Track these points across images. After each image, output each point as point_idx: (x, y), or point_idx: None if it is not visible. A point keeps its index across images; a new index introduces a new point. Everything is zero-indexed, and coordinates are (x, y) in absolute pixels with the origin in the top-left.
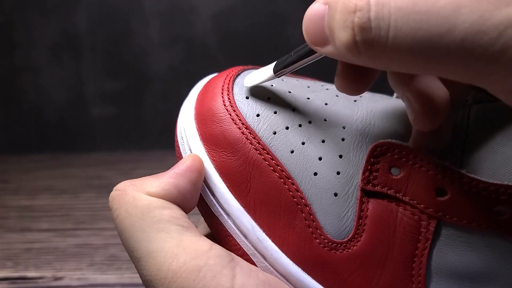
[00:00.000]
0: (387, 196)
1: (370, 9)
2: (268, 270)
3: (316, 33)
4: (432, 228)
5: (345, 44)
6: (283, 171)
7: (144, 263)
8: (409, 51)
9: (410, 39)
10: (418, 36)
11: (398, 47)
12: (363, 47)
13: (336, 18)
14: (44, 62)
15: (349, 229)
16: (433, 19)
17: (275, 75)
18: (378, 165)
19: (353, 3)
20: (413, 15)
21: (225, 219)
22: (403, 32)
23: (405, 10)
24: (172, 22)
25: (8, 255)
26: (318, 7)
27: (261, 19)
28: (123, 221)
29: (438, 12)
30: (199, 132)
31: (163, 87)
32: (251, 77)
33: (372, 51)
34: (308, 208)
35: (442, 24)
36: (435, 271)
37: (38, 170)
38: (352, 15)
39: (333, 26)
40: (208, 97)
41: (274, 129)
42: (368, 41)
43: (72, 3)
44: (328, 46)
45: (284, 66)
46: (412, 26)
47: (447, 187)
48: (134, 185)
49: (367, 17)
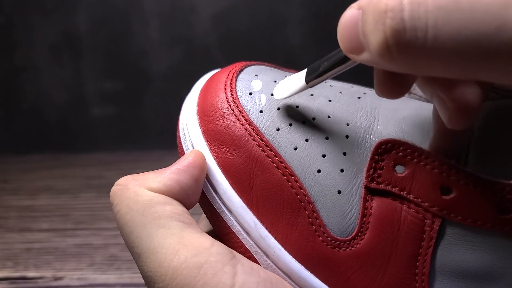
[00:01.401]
0: (391, 194)
1: (403, 8)
2: (271, 267)
3: (351, 41)
4: (436, 227)
5: (377, 48)
6: (287, 168)
7: (144, 259)
8: (451, 53)
9: (453, 40)
10: (462, 36)
11: (438, 50)
12: (396, 51)
13: (368, 21)
14: (44, 62)
15: (352, 227)
16: (479, 17)
17: (307, 86)
18: (383, 163)
19: (383, 3)
20: (456, 14)
21: (227, 216)
22: (444, 33)
23: (445, 8)
24: (172, 22)
25: (8, 255)
26: (352, 12)
27: (261, 19)
28: (124, 216)
29: (485, 9)
30: (202, 128)
31: (163, 87)
32: (281, 88)
33: (408, 55)
34: (312, 206)
35: (490, 22)
36: (439, 270)
37: (38, 170)
38: (383, 16)
39: (367, 31)
40: (211, 93)
41: (277, 126)
42: (403, 44)
43: (72, 3)
44: (364, 53)
45: (317, 76)
46: (455, 25)
47: (452, 186)
48: (135, 180)
49: (400, 17)
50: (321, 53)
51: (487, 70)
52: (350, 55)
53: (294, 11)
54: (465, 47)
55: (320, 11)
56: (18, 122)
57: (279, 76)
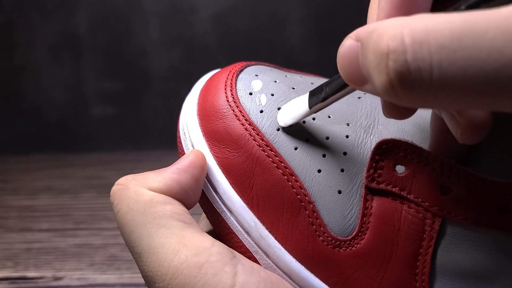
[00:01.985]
0: (391, 194)
1: (405, 50)
2: (271, 267)
3: (352, 72)
4: (436, 227)
5: (381, 87)
6: (287, 168)
7: (145, 259)
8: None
9: (459, 79)
10: (468, 74)
11: (445, 88)
12: (401, 91)
13: (369, 58)
14: (44, 62)
15: (353, 227)
16: (484, 54)
17: (311, 111)
18: (383, 163)
19: (384, 44)
20: (460, 52)
21: (228, 216)
22: (450, 72)
23: (449, 47)
24: (172, 22)
25: (8, 255)
26: (351, 44)
27: (261, 19)
28: (124, 216)
29: (489, 45)
30: (202, 128)
31: (163, 87)
32: (284, 114)
33: (413, 94)
34: (312, 206)
35: (496, 59)
36: (440, 269)
37: (38, 170)
38: (385, 58)
39: (368, 67)
40: (211, 93)
41: (277, 126)
42: (408, 85)
43: (72, 3)
44: (367, 84)
45: (321, 100)
46: (460, 64)
47: (453, 185)
48: (136, 179)
49: (403, 60)
50: (321, 53)
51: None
52: (353, 85)
53: (294, 11)
54: (472, 84)
55: (320, 11)
56: (18, 122)
57: (279, 76)
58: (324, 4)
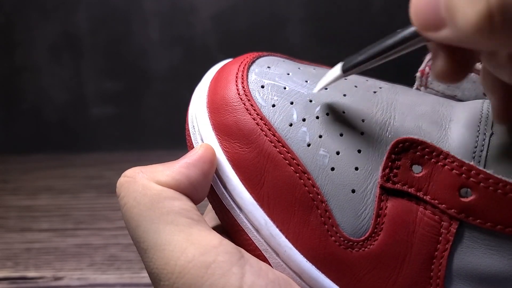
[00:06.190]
0: (407, 194)
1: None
2: (281, 266)
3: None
4: (453, 230)
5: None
6: (299, 165)
7: (151, 255)
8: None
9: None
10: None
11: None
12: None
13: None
14: (44, 62)
15: (366, 228)
16: None
17: (343, 74)
18: (399, 162)
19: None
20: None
21: (237, 213)
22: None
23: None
24: (172, 22)
25: (8, 255)
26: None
27: (261, 19)
28: (131, 209)
29: None
30: (212, 121)
31: (163, 87)
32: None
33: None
34: (324, 205)
35: None
36: (455, 273)
37: (38, 170)
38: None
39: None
40: (222, 85)
41: (290, 121)
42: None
43: (72, 3)
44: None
45: (355, 65)
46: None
47: (472, 188)
48: (144, 172)
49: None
50: (322, 53)
51: None
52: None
53: (294, 11)
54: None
55: (320, 11)
56: (18, 122)
57: (292, 69)
58: (324, 4)
